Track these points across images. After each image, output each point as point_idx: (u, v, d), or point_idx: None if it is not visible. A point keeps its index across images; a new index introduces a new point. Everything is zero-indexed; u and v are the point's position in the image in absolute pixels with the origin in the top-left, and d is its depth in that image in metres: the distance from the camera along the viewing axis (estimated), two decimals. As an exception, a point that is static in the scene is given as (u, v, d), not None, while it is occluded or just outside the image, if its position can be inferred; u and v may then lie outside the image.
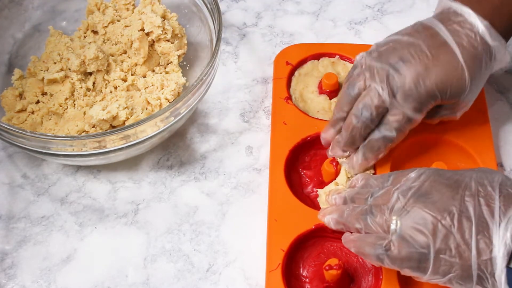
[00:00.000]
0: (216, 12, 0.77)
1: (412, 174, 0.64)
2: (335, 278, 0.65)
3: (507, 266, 0.57)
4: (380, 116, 0.70)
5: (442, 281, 0.60)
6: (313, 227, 0.69)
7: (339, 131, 0.73)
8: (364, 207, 0.65)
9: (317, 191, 0.73)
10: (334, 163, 0.72)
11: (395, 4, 0.92)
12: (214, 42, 0.76)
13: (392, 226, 0.61)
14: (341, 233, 0.68)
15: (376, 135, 0.71)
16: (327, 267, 0.65)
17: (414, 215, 0.60)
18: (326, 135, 0.74)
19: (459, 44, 0.69)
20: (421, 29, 0.71)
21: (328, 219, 0.68)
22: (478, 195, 0.60)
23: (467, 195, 0.60)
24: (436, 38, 0.70)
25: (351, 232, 0.66)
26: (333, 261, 0.65)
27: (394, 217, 0.61)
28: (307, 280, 0.68)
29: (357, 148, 0.72)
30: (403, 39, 0.71)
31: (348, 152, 0.73)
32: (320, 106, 0.79)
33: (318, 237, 0.70)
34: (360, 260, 0.69)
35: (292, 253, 0.69)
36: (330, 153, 0.74)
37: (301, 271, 0.68)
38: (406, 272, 0.61)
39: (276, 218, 0.70)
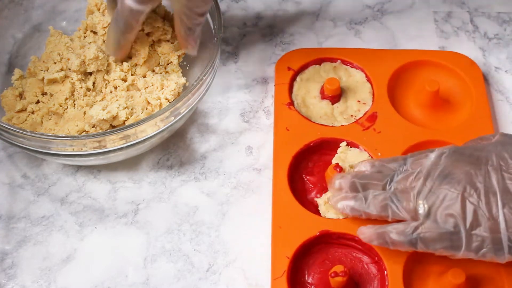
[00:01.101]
0: (216, 12, 0.77)
1: (432, 155, 0.64)
2: (340, 285, 0.65)
3: None
4: None
5: (476, 257, 0.61)
6: (318, 233, 0.69)
7: None
8: (387, 193, 0.64)
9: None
10: (338, 169, 0.71)
11: (395, 4, 0.92)
12: (214, 42, 0.76)
13: (420, 210, 0.62)
14: (346, 239, 0.68)
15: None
16: (332, 274, 0.64)
17: (442, 196, 0.61)
18: None
19: None
20: None
21: (343, 205, 0.67)
22: (501, 169, 0.61)
23: (490, 170, 0.61)
24: None
25: (367, 221, 0.66)
26: (339, 268, 0.64)
27: (420, 201, 0.62)
28: (312, 287, 0.67)
29: None
30: None
31: None
32: (323, 111, 0.79)
33: (323, 243, 0.69)
34: (366, 266, 0.68)
35: (297, 260, 0.68)
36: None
37: (307, 278, 0.68)
38: (441, 252, 0.62)
39: (280, 225, 0.70)
